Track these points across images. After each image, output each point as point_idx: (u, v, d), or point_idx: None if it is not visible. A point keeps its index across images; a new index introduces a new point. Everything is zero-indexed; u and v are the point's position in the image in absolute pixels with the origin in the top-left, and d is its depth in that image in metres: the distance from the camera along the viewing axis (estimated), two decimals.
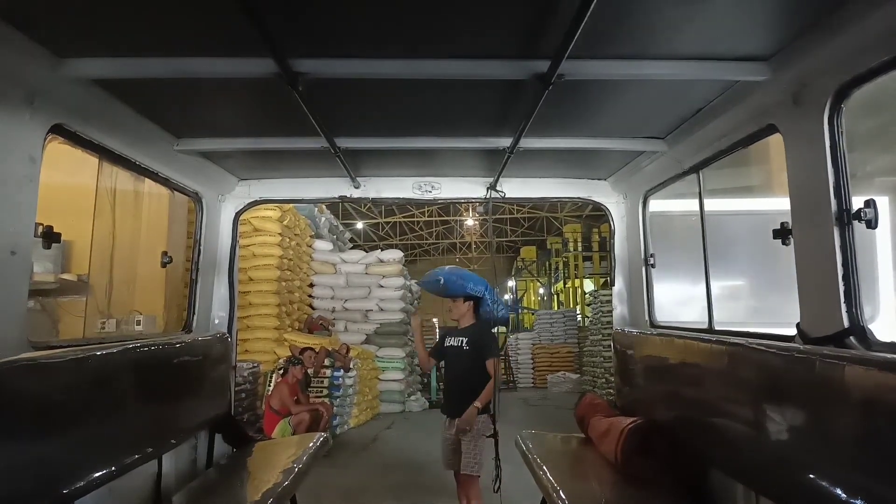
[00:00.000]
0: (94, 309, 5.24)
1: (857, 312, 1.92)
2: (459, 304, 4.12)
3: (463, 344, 4.08)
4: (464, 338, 4.09)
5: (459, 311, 4.14)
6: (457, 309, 4.15)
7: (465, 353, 4.05)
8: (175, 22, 1.92)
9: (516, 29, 1.98)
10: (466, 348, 4.05)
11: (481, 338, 4.09)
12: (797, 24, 1.93)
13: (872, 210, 1.88)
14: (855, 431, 1.70)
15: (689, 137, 2.87)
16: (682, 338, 2.88)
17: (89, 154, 2.56)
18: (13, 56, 1.91)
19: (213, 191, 3.64)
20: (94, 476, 2.19)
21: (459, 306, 4.13)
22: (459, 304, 4.12)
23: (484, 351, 4.01)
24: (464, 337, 4.10)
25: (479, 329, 4.13)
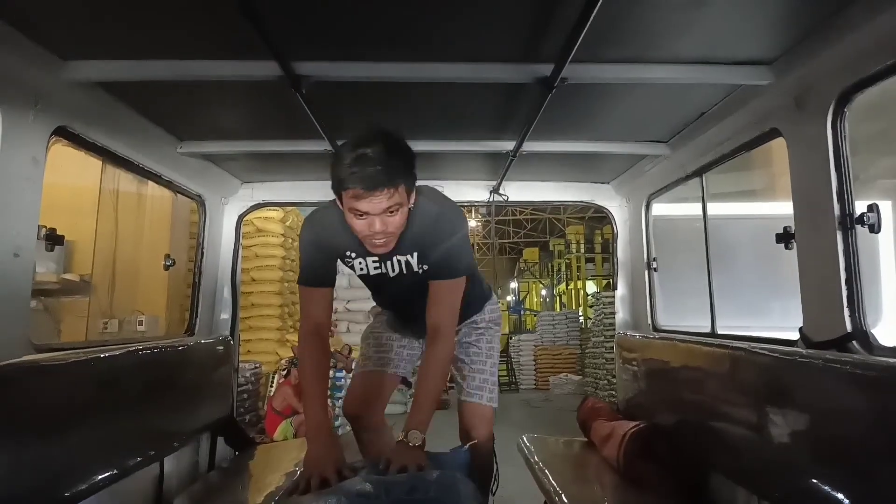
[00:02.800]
0: (96, 309, 5.25)
1: (860, 317, 1.91)
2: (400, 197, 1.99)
3: (413, 265, 2.26)
4: (408, 254, 2.24)
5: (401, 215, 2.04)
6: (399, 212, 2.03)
7: (416, 277, 2.29)
8: (178, 25, 1.93)
9: (519, 33, 1.99)
10: (420, 270, 2.27)
11: (445, 243, 2.21)
12: (800, 29, 1.93)
13: (875, 214, 1.88)
14: (857, 436, 1.69)
15: (691, 141, 2.87)
16: (684, 342, 2.88)
17: (92, 156, 2.57)
18: (16, 59, 1.91)
19: (216, 193, 3.64)
20: (95, 479, 2.19)
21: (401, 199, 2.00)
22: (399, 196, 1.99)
23: (450, 268, 2.25)
24: (408, 253, 2.24)
25: (433, 227, 2.20)
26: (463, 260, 2.32)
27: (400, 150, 2.02)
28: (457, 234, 2.26)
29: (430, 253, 2.25)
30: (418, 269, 2.30)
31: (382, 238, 2.07)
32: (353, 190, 1.94)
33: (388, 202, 1.97)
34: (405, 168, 2.01)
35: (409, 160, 2.05)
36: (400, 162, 1.99)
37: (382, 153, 1.94)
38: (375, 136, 1.98)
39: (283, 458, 3.35)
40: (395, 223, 2.05)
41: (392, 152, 1.97)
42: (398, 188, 1.98)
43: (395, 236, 2.11)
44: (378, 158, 1.92)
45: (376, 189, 1.93)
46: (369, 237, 2.06)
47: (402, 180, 1.99)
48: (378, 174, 1.92)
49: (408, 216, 2.15)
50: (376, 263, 2.34)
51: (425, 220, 2.21)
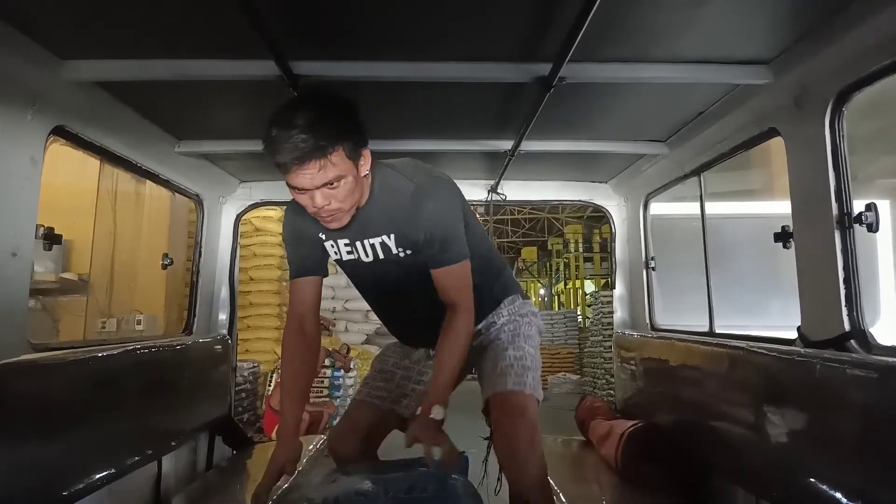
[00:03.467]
0: (94, 308, 5.25)
1: (858, 316, 1.92)
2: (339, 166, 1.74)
3: (391, 247, 2.00)
4: (382, 236, 1.99)
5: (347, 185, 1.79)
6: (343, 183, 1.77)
7: (401, 266, 2.02)
8: (176, 24, 1.92)
9: (518, 32, 1.99)
10: (401, 254, 2.00)
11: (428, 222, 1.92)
12: (798, 28, 1.93)
13: (873, 213, 1.88)
14: (856, 435, 1.70)
15: (690, 141, 2.87)
16: (682, 341, 2.88)
17: (91, 156, 2.56)
18: (14, 58, 1.91)
19: (214, 193, 3.64)
20: (93, 478, 2.19)
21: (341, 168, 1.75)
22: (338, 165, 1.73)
23: (441, 253, 1.96)
24: (381, 234, 1.99)
25: (410, 205, 1.92)
26: (454, 242, 1.98)
27: (329, 110, 1.74)
28: (442, 212, 1.95)
29: (410, 234, 1.96)
30: (398, 251, 2.00)
31: (328, 214, 1.83)
32: (281, 165, 1.74)
33: (323, 174, 1.72)
34: (338, 131, 1.73)
35: (345, 121, 1.77)
36: (330, 125, 1.71)
37: (306, 117, 1.68)
38: (300, 101, 1.81)
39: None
40: (341, 195, 1.79)
41: (319, 115, 1.71)
42: (331, 156, 1.71)
43: (345, 211, 1.85)
44: (301, 125, 1.67)
45: (304, 162, 1.69)
46: (315, 214, 1.85)
47: (336, 146, 1.71)
48: (301, 143, 1.67)
49: (370, 189, 1.94)
50: (348, 247, 2.07)
51: (397, 196, 1.94)
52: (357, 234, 2.02)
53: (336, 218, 1.86)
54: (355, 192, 1.84)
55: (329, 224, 1.89)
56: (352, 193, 1.83)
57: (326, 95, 1.80)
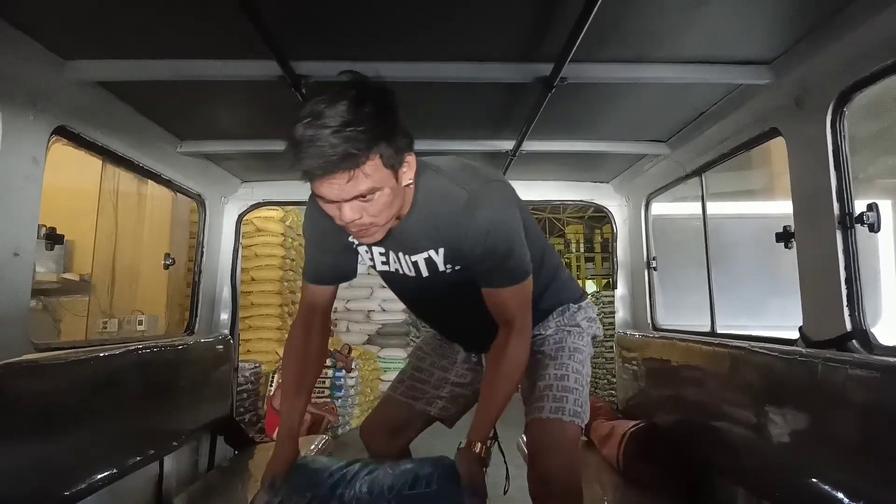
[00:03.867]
0: (96, 308, 5.24)
1: (860, 316, 1.92)
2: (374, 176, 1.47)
3: (437, 263, 1.77)
4: (428, 251, 1.75)
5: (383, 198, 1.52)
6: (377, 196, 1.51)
7: (448, 282, 1.79)
8: (178, 24, 1.93)
9: (519, 32, 1.99)
10: (448, 270, 1.77)
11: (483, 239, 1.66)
12: (799, 28, 1.93)
13: (875, 213, 1.88)
14: (857, 435, 1.70)
15: (691, 141, 2.87)
16: (684, 341, 2.88)
17: (93, 156, 2.56)
18: (16, 58, 1.91)
19: (216, 193, 3.64)
20: (95, 478, 2.20)
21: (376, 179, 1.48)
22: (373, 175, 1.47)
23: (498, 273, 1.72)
24: (427, 249, 1.75)
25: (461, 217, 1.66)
26: (515, 260, 1.71)
27: (366, 108, 1.43)
28: (501, 226, 1.68)
29: (462, 250, 1.69)
30: (446, 268, 1.76)
31: (357, 229, 1.58)
32: (307, 172, 1.46)
33: (353, 186, 1.44)
34: (375, 135, 1.43)
35: (385, 121, 1.47)
36: (365, 127, 1.41)
37: (337, 116, 1.39)
38: (332, 93, 1.44)
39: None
40: (374, 210, 1.52)
41: (354, 113, 1.40)
42: (365, 165, 1.43)
43: (379, 226, 1.58)
44: (331, 126, 1.39)
45: (330, 172, 1.42)
46: (346, 228, 1.59)
47: (371, 153, 1.43)
48: (329, 150, 1.38)
49: (414, 196, 1.67)
50: (383, 257, 1.84)
51: (447, 207, 1.66)
52: (396, 247, 1.78)
53: (368, 234, 1.61)
54: (393, 205, 1.57)
55: (360, 239, 1.68)
56: (388, 207, 1.55)
57: (365, 86, 1.49)
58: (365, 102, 1.45)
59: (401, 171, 1.56)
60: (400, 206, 1.63)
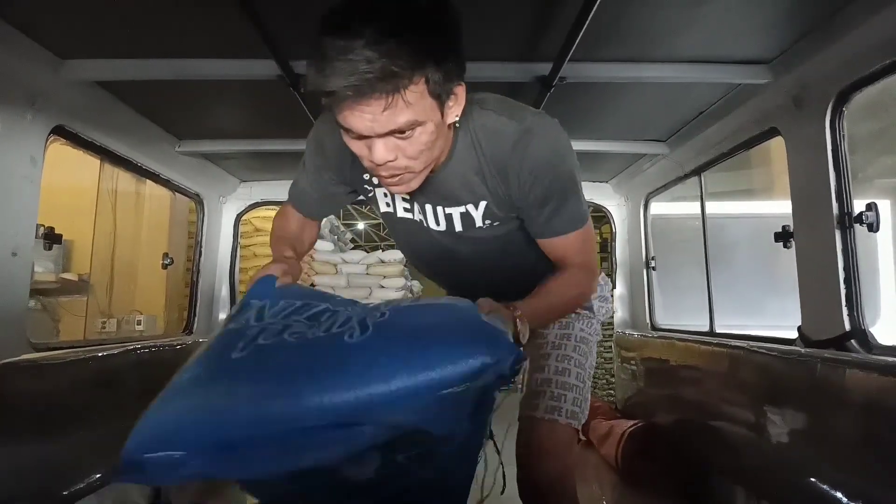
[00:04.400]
0: (94, 309, 5.24)
1: (859, 316, 1.92)
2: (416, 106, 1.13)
3: (476, 218, 1.49)
4: (468, 204, 1.47)
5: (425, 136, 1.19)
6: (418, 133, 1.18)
7: (482, 238, 1.54)
8: (177, 24, 1.92)
9: (518, 32, 1.98)
10: (485, 224, 1.50)
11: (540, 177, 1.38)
12: (798, 28, 1.93)
13: (874, 213, 1.89)
14: (856, 435, 1.70)
15: (690, 140, 2.87)
16: (682, 340, 2.89)
17: (91, 155, 2.56)
18: (15, 57, 1.91)
19: (215, 192, 3.64)
20: (94, 477, 2.19)
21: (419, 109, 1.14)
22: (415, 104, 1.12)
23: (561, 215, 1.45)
24: (469, 202, 1.46)
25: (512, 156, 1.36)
26: (576, 201, 1.47)
27: (415, 14, 1.11)
28: (560, 161, 1.42)
29: (511, 196, 1.43)
30: (483, 223, 1.50)
31: (390, 174, 1.26)
32: (331, 95, 1.11)
33: (390, 117, 1.12)
34: (423, 50, 1.11)
35: (437, 34, 1.15)
36: (412, 39, 1.09)
37: (378, 22, 1.06)
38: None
39: None
40: (413, 150, 1.21)
41: (397, 20, 1.08)
42: (407, 90, 1.10)
43: (415, 172, 1.27)
44: (368, 33, 1.05)
45: (363, 95, 1.08)
46: (373, 170, 1.28)
47: (417, 74, 1.10)
48: (363, 65, 1.05)
49: (453, 138, 1.36)
50: (406, 203, 1.55)
51: (494, 147, 1.38)
52: (427, 197, 1.48)
53: (402, 181, 1.30)
54: (434, 146, 1.26)
55: (390, 188, 1.34)
56: (429, 148, 1.24)
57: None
58: (416, 5, 1.12)
59: (447, 105, 1.23)
60: (441, 150, 1.33)
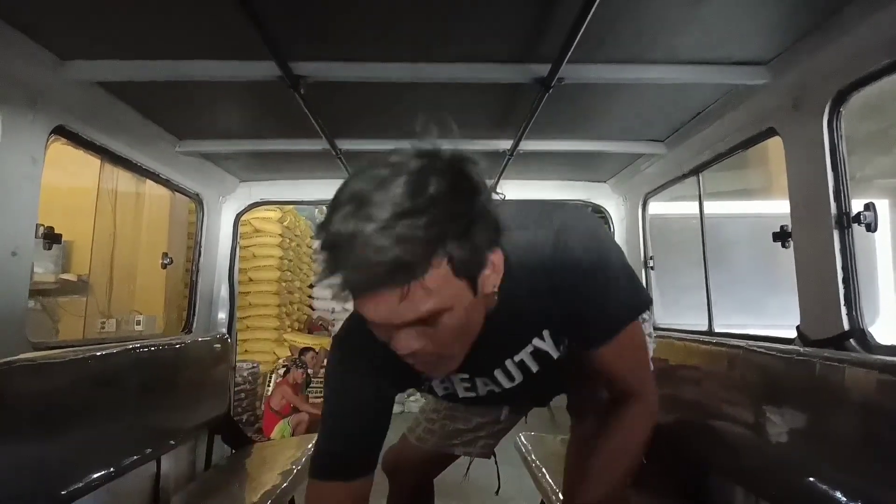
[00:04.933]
0: (94, 309, 5.25)
1: (857, 315, 1.92)
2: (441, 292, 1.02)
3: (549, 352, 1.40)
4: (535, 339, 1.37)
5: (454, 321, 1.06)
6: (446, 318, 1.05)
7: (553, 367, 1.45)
8: (177, 25, 1.92)
9: (517, 33, 1.99)
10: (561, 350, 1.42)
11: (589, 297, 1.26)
12: (796, 29, 1.93)
13: (872, 213, 1.89)
14: (855, 434, 1.70)
15: (688, 140, 2.87)
16: (681, 340, 2.89)
17: (91, 155, 2.56)
18: (16, 58, 1.91)
19: (214, 192, 3.64)
20: (92, 477, 2.19)
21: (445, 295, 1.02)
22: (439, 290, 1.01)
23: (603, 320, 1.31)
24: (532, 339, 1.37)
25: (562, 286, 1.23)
26: (621, 293, 1.32)
27: (430, 188, 1.01)
28: (591, 260, 1.25)
29: (566, 314, 1.29)
30: (559, 351, 1.39)
31: (420, 362, 1.15)
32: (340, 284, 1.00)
33: (409, 307, 1.01)
34: (441, 230, 0.99)
35: (457, 209, 1.02)
36: (427, 219, 0.98)
37: (387, 204, 0.97)
38: (386, 167, 1.05)
39: (280, 456, 3.35)
40: (445, 337, 1.09)
41: (409, 200, 0.98)
42: (426, 276, 0.99)
43: (448, 357, 1.16)
44: (375, 218, 0.96)
45: (372, 288, 1.00)
46: (405, 358, 1.14)
47: (436, 257, 0.99)
48: (371, 255, 0.95)
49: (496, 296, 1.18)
50: (466, 383, 1.45)
51: (536, 271, 1.23)
52: (489, 363, 1.36)
53: (437, 368, 1.20)
54: (469, 328, 1.14)
55: (426, 371, 1.23)
56: (463, 333, 1.12)
57: (434, 156, 1.09)
58: (430, 180, 1.01)
59: (483, 276, 1.09)
60: (481, 323, 1.17)
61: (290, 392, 6.66)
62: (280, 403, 6.67)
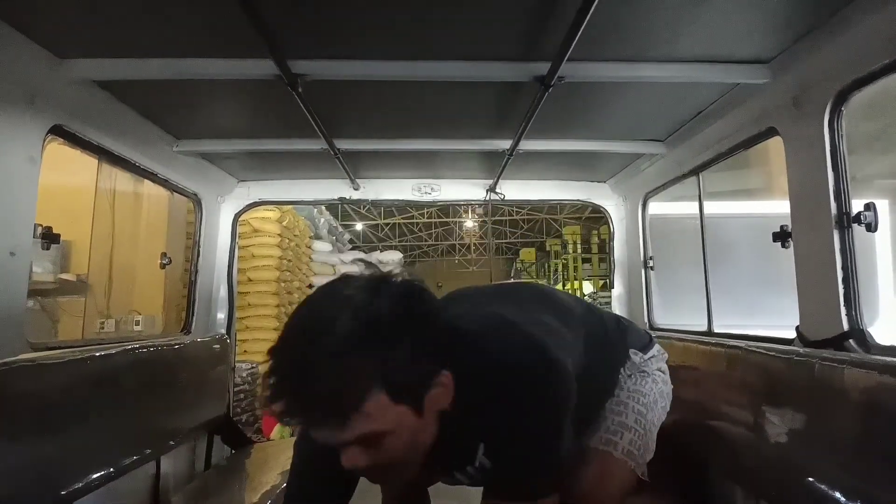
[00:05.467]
0: (93, 309, 5.24)
1: (857, 316, 1.92)
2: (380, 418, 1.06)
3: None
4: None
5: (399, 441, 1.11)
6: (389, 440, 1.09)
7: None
8: (175, 23, 1.92)
9: (516, 31, 1.98)
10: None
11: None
12: (797, 28, 1.93)
13: (872, 213, 1.89)
14: (854, 434, 1.70)
15: (688, 140, 2.87)
16: (681, 340, 2.89)
17: (89, 155, 2.56)
18: (13, 57, 1.91)
19: (213, 192, 3.64)
20: (92, 477, 2.19)
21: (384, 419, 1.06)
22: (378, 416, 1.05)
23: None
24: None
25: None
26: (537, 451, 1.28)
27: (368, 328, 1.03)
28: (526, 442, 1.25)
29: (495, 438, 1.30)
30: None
31: (372, 475, 1.20)
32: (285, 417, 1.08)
33: (346, 433, 1.06)
34: (377, 365, 1.03)
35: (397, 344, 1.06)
36: (362, 353, 1.02)
37: (325, 334, 1.01)
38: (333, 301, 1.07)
39: (279, 456, 3.35)
40: (392, 454, 1.12)
41: (347, 328, 1.02)
42: (358, 409, 1.03)
43: (405, 467, 1.19)
44: (313, 344, 1.01)
45: (312, 422, 1.08)
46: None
47: (373, 391, 1.03)
48: (310, 401, 1.02)
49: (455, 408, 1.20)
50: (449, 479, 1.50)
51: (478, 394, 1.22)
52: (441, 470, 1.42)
53: (387, 477, 1.27)
54: (418, 441, 1.16)
55: (377, 482, 1.30)
56: (409, 448, 1.14)
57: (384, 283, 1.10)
58: (375, 313, 1.04)
59: (429, 396, 1.13)
60: (433, 435, 1.19)
61: None
62: None
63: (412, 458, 1.18)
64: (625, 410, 1.75)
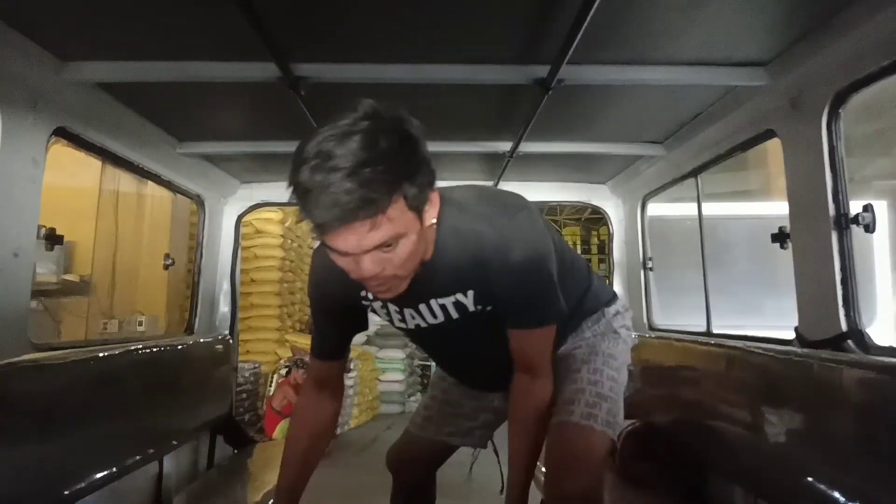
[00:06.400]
0: (96, 309, 5.26)
1: (855, 316, 1.93)
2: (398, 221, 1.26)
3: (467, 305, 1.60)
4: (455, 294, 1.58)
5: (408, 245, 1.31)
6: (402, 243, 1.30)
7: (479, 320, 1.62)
8: (178, 26, 1.94)
9: (516, 35, 2.00)
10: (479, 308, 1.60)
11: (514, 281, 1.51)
12: (795, 30, 1.94)
13: (870, 214, 1.89)
14: (853, 435, 1.71)
15: (687, 142, 2.88)
16: (680, 341, 2.90)
17: (92, 157, 2.57)
18: (17, 59, 1.92)
19: (216, 193, 3.65)
20: (95, 477, 2.20)
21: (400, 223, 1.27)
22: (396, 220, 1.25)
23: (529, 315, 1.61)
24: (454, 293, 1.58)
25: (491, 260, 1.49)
26: (545, 303, 1.60)
27: (381, 143, 1.22)
28: (532, 266, 1.51)
29: (492, 291, 1.55)
30: (476, 308, 1.60)
31: (379, 283, 1.36)
32: (315, 222, 1.24)
33: (375, 235, 1.23)
34: (398, 174, 1.23)
35: (408, 156, 1.27)
36: (384, 166, 1.20)
37: (348, 156, 1.19)
38: (340, 128, 1.25)
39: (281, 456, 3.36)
40: (398, 259, 1.31)
41: (370, 150, 1.20)
42: (385, 211, 1.21)
43: (402, 278, 1.39)
44: (344, 168, 1.18)
45: (348, 221, 1.20)
46: (360, 281, 1.37)
47: (395, 194, 1.22)
48: (344, 196, 1.17)
49: (436, 238, 1.48)
50: (398, 314, 1.70)
51: (473, 248, 1.49)
52: (419, 297, 1.58)
53: (391, 288, 1.40)
54: (417, 253, 1.37)
55: (380, 294, 1.45)
56: (413, 256, 1.35)
57: (379, 117, 1.28)
58: (380, 136, 1.23)
59: (425, 212, 1.34)
60: (424, 251, 1.43)
61: (292, 392, 6.66)
62: (282, 404, 6.67)
63: (410, 269, 1.39)
64: (601, 379, 1.84)
